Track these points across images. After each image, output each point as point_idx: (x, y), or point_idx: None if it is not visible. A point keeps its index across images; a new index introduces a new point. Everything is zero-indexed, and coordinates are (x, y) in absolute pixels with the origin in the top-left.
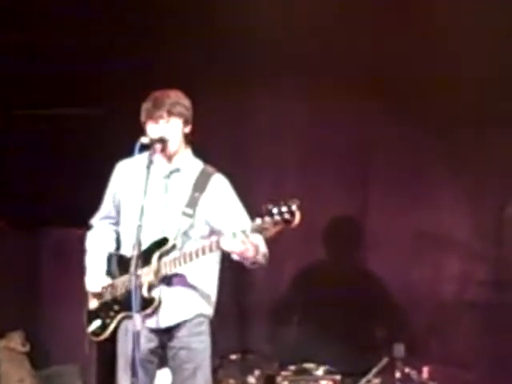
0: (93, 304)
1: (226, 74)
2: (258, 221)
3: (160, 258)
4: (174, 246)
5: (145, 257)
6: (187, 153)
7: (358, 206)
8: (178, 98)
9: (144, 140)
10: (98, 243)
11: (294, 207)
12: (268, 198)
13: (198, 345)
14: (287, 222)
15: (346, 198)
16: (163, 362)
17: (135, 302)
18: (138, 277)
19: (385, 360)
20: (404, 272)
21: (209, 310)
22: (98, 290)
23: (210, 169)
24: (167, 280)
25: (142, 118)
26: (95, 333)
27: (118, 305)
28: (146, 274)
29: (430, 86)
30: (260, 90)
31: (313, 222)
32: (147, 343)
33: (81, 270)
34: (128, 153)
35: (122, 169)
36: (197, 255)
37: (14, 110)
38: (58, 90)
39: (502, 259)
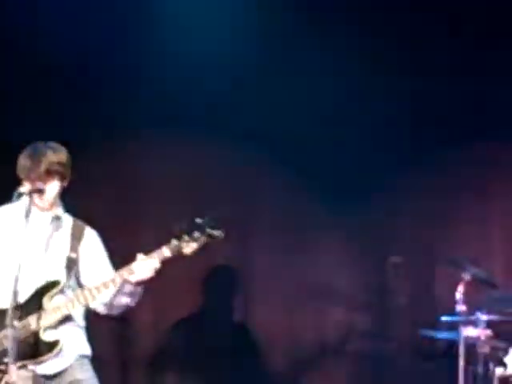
0: None
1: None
2: (175, 241)
3: (52, 298)
4: (65, 287)
5: (34, 303)
6: (62, 204)
7: (243, 258)
8: (56, 157)
9: (22, 189)
10: None
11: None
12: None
13: (84, 375)
14: (213, 237)
15: (231, 251)
16: None
17: (11, 353)
18: (14, 328)
19: None
20: (288, 320)
21: (89, 351)
22: None
23: (80, 222)
24: (61, 321)
25: (19, 173)
26: None
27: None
28: (41, 319)
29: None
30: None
31: (197, 273)
32: None
33: None
34: (6, 202)
35: None
36: (106, 286)
37: None
38: None
39: (384, 310)
